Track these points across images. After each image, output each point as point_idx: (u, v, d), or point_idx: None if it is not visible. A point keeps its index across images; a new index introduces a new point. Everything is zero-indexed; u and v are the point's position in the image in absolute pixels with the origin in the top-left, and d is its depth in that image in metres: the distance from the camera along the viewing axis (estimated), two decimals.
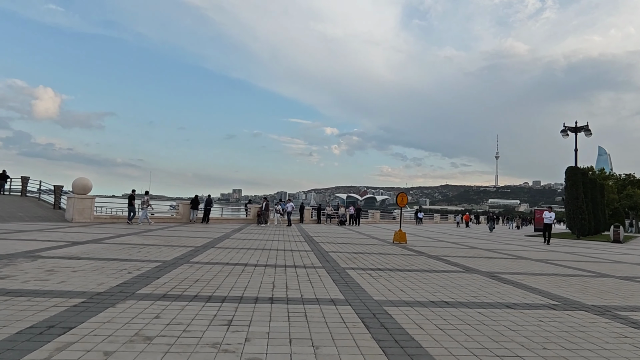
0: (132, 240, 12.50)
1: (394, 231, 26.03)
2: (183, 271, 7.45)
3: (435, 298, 6.22)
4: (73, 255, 8.80)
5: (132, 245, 11.09)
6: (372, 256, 11.51)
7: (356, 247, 13.93)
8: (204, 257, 9.46)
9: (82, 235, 13.40)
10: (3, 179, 31.20)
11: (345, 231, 23.97)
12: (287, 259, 10.01)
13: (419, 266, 9.93)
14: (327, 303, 5.56)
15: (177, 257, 9.22)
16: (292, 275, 7.66)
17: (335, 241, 16.14)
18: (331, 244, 14.58)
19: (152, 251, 10.10)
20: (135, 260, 8.54)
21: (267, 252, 11.10)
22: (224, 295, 5.68)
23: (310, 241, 15.49)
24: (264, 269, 8.25)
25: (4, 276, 6.25)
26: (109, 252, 9.61)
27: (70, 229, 15.47)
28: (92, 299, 5.11)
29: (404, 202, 17.08)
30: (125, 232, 15.21)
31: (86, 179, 20.90)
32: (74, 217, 19.93)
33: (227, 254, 10.26)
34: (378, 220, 42.21)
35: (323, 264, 9.44)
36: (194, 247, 11.41)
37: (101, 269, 7.22)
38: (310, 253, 11.51)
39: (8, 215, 19.75)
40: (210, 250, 10.86)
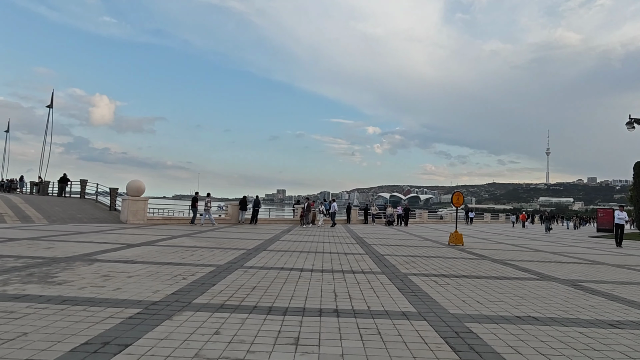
0: (185, 243, 12.44)
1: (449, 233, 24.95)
2: (238, 277, 7.10)
3: (519, 312, 5.46)
4: (128, 258, 8.72)
5: (185, 248, 10.98)
6: (432, 260, 10.74)
7: (411, 250, 13.18)
8: (257, 261, 9.11)
9: (136, 237, 13.54)
10: (64, 183, 32.94)
11: (394, 232, 23.15)
12: (343, 263, 9.48)
13: (486, 272, 9.09)
14: (399, 317, 4.97)
15: (230, 261, 8.93)
16: (353, 282, 7.12)
17: (388, 243, 15.44)
18: (384, 247, 13.91)
19: (205, 254, 9.90)
20: (189, 264, 8.32)
21: (321, 256, 10.63)
22: (285, 307, 5.22)
23: (362, 243, 14.89)
24: (321, 274, 7.77)
25: (61, 281, 6.14)
26: (162, 255, 9.50)
27: (124, 231, 15.76)
28: (148, 310, 4.81)
29: (460, 202, 16.10)
30: (178, 234, 15.29)
31: (139, 181, 21.42)
32: (129, 218, 20.45)
33: (280, 258, 9.88)
34: (426, 220, 40.88)
35: (382, 269, 8.83)
36: (245, 250, 11.14)
37: (156, 274, 7.01)
38: (365, 256, 10.92)
39: (69, 217, 20.59)
40: (263, 254, 10.53)
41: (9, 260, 7.89)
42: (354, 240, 15.95)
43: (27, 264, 7.56)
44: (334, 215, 27.32)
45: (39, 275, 6.50)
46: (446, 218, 44.94)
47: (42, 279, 6.28)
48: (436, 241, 17.55)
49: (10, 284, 5.81)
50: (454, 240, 15.70)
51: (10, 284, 5.85)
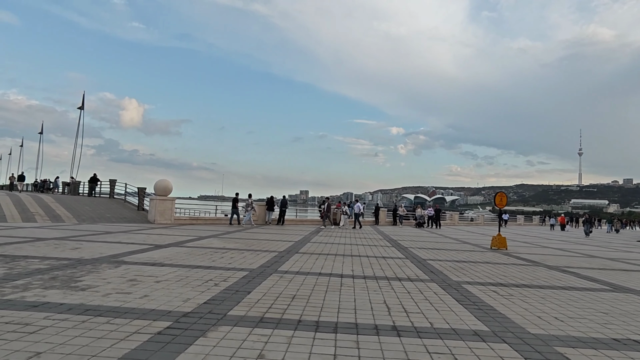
0: (213, 244, 11.91)
1: (484, 235, 23.74)
2: (274, 283, 6.44)
3: (614, 333, 4.58)
4: (156, 261, 8.20)
5: (214, 250, 10.43)
6: (480, 266, 9.83)
7: (454, 254, 12.26)
8: (291, 265, 8.44)
9: (163, 237, 13.12)
10: (94, 183, 33.29)
11: (427, 234, 22.14)
12: (385, 268, 8.70)
13: (547, 280, 8.14)
14: (471, 337, 4.17)
15: (263, 265, 8.29)
16: (402, 291, 6.34)
17: (425, 246, 14.54)
18: (423, 250, 13.03)
19: (235, 257, 9.31)
20: (219, 267, 7.72)
21: (358, 260, 9.88)
22: (334, 321, 4.51)
23: (397, 246, 14.05)
24: (365, 281, 7.02)
25: (85, 286, 5.61)
26: (191, 257, 8.95)
27: (152, 231, 15.41)
28: (179, 323, 4.18)
29: (504, 202, 15.03)
30: (205, 235, 14.82)
31: (167, 180, 21.16)
32: (156, 218, 20.20)
33: (316, 261, 9.18)
34: (457, 222, 39.43)
35: (430, 276, 8.01)
36: (277, 252, 10.50)
37: (185, 279, 6.42)
38: (407, 261, 10.10)
39: (98, 217, 20.51)
40: (296, 257, 9.86)
41: (34, 261, 7.47)
42: (388, 243, 15.12)
43: (51, 266, 7.11)
44: (358, 217, 26.45)
45: (62, 279, 6.00)
46: (477, 220, 43.33)
47: (66, 283, 5.77)
48: (476, 244, 16.51)
49: (31, 289, 5.31)
50: (497, 243, 14.65)
51: (31, 289, 5.35)
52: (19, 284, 5.57)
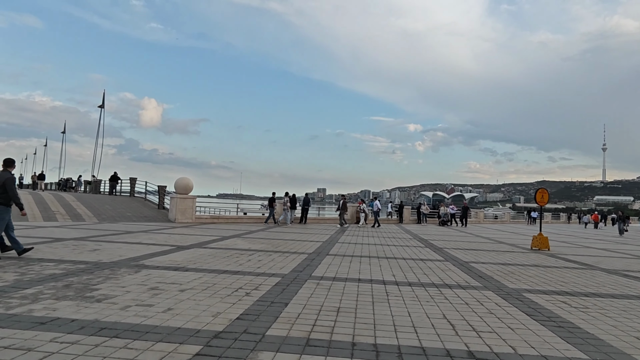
0: (238, 245, 11.25)
1: (515, 234, 22.59)
2: (312, 292, 5.69)
3: None
4: (179, 264, 7.55)
5: (239, 252, 9.76)
6: (531, 270, 8.91)
7: (494, 256, 11.33)
8: (326, 270, 7.69)
9: (185, 237, 12.54)
10: (114, 181, 33.22)
11: (456, 233, 21.13)
12: (427, 272, 7.88)
13: (615, 288, 7.19)
14: None
15: (295, 269, 7.56)
16: (458, 302, 5.52)
17: (460, 246, 13.62)
18: (460, 251, 12.12)
19: (263, 259, 8.61)
20: (248, 273, 7.02)
21: (395, 263, 9.07)
22: (395, 344, 3.73)
23: (431, 246, 13.17)
24: (412, 289, 6.22)
25: (102, 297, 4.96)
26: (216, 260, 8.28)
27: (173, 230, 14.89)
28: (210, 347, 3.46)
29: (545, 199, 13.97)
30: (228, 235, 14.20)
31: (187, 178, 20.68)
32: (177, 217, 19.74)
33: (351, 265, 8.41)
34: (482, 220, 38.12)
35: (480, 282, 7.15)
36: (306, 254, 9.77)
37: (212, 288, 5.73)
38: (447, 264, 9.24)
39: (118, 216, 20.17)
40: (327, 259, 9.11)
41: (49, 265, 6.90)
42: (419, 243, 14.24)
43: (67, 270, 6.52)
44: (377, 215, 25.13)
45: (76, 288, 5.38)
46: (503, 218, 41.86)
47: (80, 292, 5.14)
48: (512, 244, 15.49)
49: (41, 301, 4.68)
50: (539, 244, 13.62)
51: (41, 300, 4.72)
52: (28, 294, 4.95)
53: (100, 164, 41.94)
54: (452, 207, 32.38)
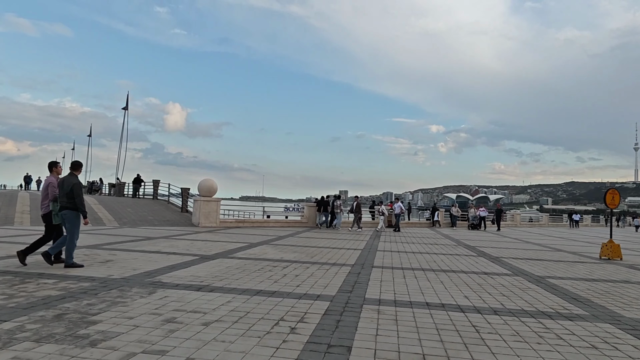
0: (268, 254, 9.93)
1: (562, 239, 20.60)
2: (377, 325, 4.28)
3: None
4: (202, 281, 6.25)
5: (271, 263, 8.42)
6: (629, 289, 7.25)
7: (566, 268, 9.66)
8: (380, 289, 6.26)
9: (209, 245, 11.31)
10: (138, 184, 32.60)
11: (499, 238, 19.31)
12: (505, 292, 6.35)
13: None
14: None
15: (342, 289, 6.16)
16: (581, 344, 4.01)
17: (516, 255, 11.95)
18: (520, 261, 10.49)
19: (301, 274, 7.24)
20: (287, 294, 5.66)
21: (457, 277, 7.56)
22: None
23: (483, 254, 11.55)
24: (504, 321, 4.72)
25: (98, 337, 3.67)
26: (246, 275, 6.96)
27: (197, 236, 13.72)
28: None
29: (616, 202, 12.18)
30: (255, 241, 12.93)
31: (211, 180, 19.59)
32: (201, 221, 18.64)
33: (406, 281, 6.95)
34: (519, 223, 35.79)
35: (581, 307, 5.59)
36: (349, 266, 8.36)
37: (246, 319, 4.38)
38: (520, 280, 7.67)
39: (140, 219, 19.23)
40: (376, 273, 7.68)
41: (47, 284, 5.71)
42: (469, 251, 12.63)
43: (66, 291, 5.30)
44: (398, 218, 22.86)
45: (70, 319, 4.12)
46: (541, 221, 39.37)
47: (72, 328, 3.87)
48: (573, 252, 13.70)
49: (14, 344, 3.42)
50: (610, 252, 11.83)
51: (15, 342, 3.46)
52: (3, 331, 3.71)
53: (124, 166, 41.58)
54: (483, 209, 29.79)
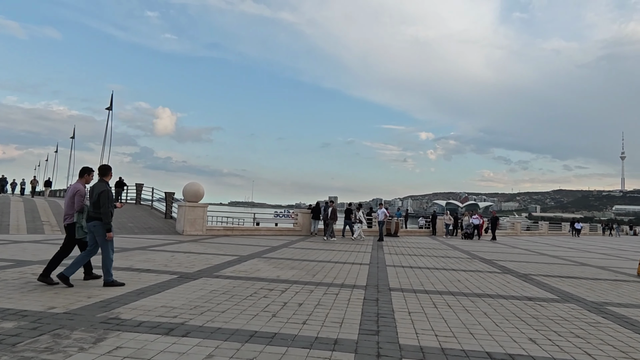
0: (261, 270, 8.32)
1: (567, 248, 19.29)
2: None
3: None
4: (175, 317, 4.64)
5: (266, 285, 6.82)
6: None
7: (613, 290, 8.22)
8: (412, 327, 4.71)
9: (193, 258, 9.67)
10: (120, 187, 30.67)
11: (509, 249, 17.91)
12: (576, 331, 4.85)
13: None
14: None
15: (365, 328, 4.60)
16: None
17: (544, 271, 10.52)
18: (556, 279, 9.04)
19: (303, 300, 5.67)
20: (292, 338, 4.09)
21: (500, 306, 6.04)
22: None
23: (509, 271, 10.08)
24: None
25: None
26: (235, 305, 5.36)
27: (179, 247, 12.05)
28: None
29: None
30: (245, 253, 11.30)
31: (197, 184, 17.90)
32: (185, 228, 16.94)
33: (442, 313, 5.42)
34: (520, 232, 34.49)
35: None
36: (361, 289, 6.81)
37: None
38: (578, 309, 6.19)
39: (118, 227, 17.41)
40: (398, 301, 6.13)
41: None
42: (490, 266, 11.16)
43: None
44: (381, 226, 20.20)
45: None
46: (541, 229, 38.16)
47: None
48: (598, 267, 12.31)
49: None
50: None
51: None
52: None
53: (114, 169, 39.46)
54: (477, 216, 27.03)
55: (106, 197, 6.09)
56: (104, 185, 6.28)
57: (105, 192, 6.13)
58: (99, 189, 6.19)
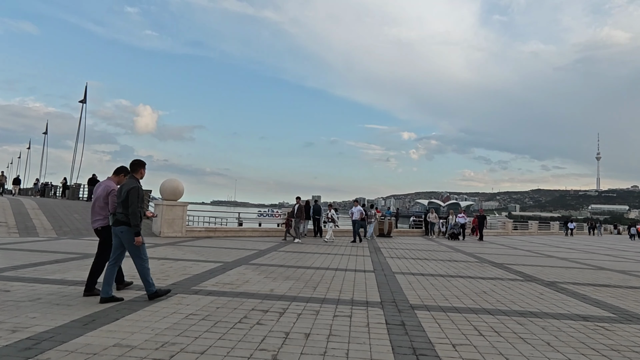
0: (250, 282, 6.88)
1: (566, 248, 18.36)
2: None
3: None
4: None
5: (257, 303, 5.40)
6: None
7: None
8: None
9: (167, 267, 8.15)
10: (93, 185, 28.68)
11: (513, 251, 16.84)
12: None
13: None
14: None
15: None
16: None
17: (566, 277, 9.36)
18: (586, 288, 7.86)
19: (309, 328, 4.27)
20: None
21: (558, 330, 4.77)
22: None
23: (533, 279, 8.88)
24: None
25: None
26: (220, 338, 3.94)
27: (154, 251, 10.49)
28: None
29: None
30: (232, 259, 9.83)
31: (176, 180, 16.27)
32: (162, 230, 15.32)
33: (497, 349, 4.10)
34: (511, 232, 33.72)
35: None
36: (377, 307, 5.45)
37: None
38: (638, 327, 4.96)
39: (85, 228, 15.68)
40: (431, 327, 4.79)
41: None
42: (506, 272, 9.95)
43: None
44: (356, 226, 17.76)
45: None
46: (530, 229, 37.54)
47: None
48: (617, 271, 11.26)
49: None
50: None
51: None
52: None
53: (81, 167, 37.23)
54: (462, 215, 24.98)
55: (136, 195, 5.32)
56: (134, 182, 5.49)
57: (135, 189, 5.35)
58: (129, 185, 5.40)
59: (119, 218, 5.37)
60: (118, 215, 5.38)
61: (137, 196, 5.33)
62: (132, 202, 5.30)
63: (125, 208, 5.31)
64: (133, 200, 5.30)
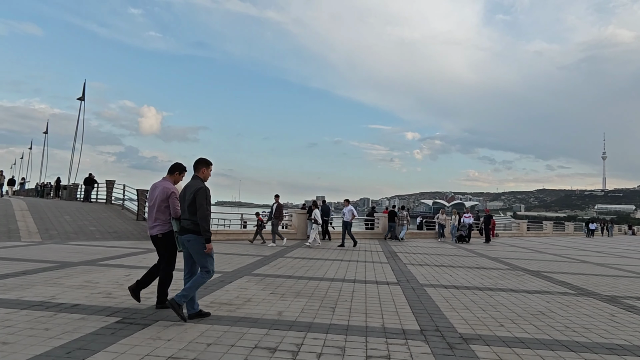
0: (252, 301, 5.58)
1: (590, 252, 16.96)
2: None
3: None
4: None
5: (262, 335, 4.10)
6: None
7: None
8: None
9: None
10: (90, 185, 27.50)
11: (535, 255, 15.47)
12: None
13: None
14: None
15: None
16: None
17: (621, 288, 8.02)
18: None
19: None
20: None
21: None
22: None
23: (586, 292, 7.53)
24: None
25: None
26: None
27: (144, 258, 9.23)
28: None
29: None
30: (232, 268, 8.54)
31: None
32: None
33: None
34: (525, 233, 32.25)
35: None
36: (418, 339, 4.15)
37: None
38: None
39: (76, 231, 14.47)
40: None
41: None
42: (549, 282, 8.61)
43: None
44: (345, 228, 15.79)
45: None
46: (545, 229, 36.02)
47: None
48: None
49: None
50: None
51: None
52: None
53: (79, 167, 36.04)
54: (469, 215, 22.91)
55: (204, 197, 4.69)
56: (200, 182, 4.85)
57: (202, 190, 4.71)
58: (195, 186, 4.76)
59: (184, 225, 4.75)
60: (184, 222, 4.76)
61: (205, 198, 4.68)
62: (201, 204, 4.65)
63: (192, 213, 4.65)
64: (202, 203, 4.66)
